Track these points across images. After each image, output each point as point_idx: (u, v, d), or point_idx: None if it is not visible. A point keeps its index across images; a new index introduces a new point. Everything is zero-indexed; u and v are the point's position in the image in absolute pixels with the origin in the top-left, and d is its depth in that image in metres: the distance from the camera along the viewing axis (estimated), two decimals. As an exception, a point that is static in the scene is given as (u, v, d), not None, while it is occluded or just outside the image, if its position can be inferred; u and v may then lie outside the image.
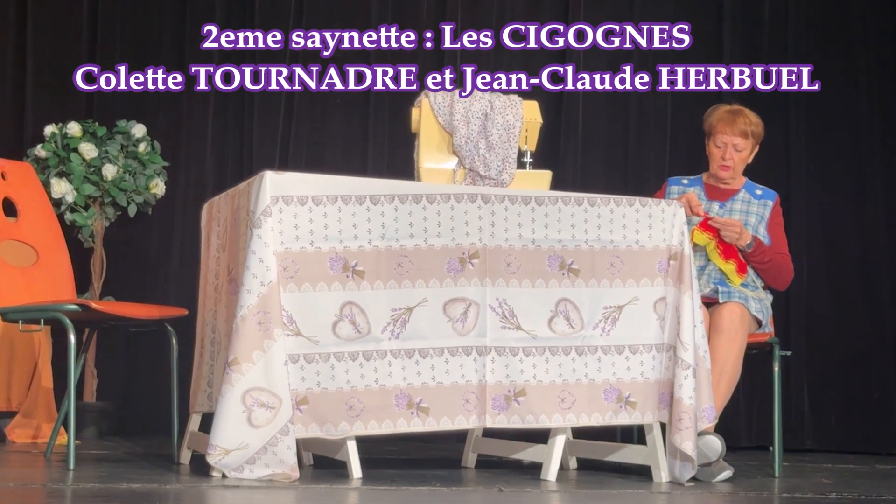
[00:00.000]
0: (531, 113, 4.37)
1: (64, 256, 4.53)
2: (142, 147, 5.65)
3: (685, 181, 4.74)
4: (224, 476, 3.79)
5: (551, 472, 4.10)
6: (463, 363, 4.00)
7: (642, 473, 4.25)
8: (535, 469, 4.26)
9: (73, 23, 5.99)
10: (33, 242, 4.43)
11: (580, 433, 4.45)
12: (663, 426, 4.17)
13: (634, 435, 4.85)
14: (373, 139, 6.02)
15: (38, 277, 4.39)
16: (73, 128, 5.56)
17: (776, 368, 4.59)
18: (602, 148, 6.10)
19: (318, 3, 6.05)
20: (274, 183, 3.86)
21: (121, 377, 5.86)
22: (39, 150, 5.55)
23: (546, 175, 4.36)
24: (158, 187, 5.66)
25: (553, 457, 4.12)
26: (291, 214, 3.86)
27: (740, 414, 5.84)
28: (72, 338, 4.02)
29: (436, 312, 3.99)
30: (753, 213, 4.64)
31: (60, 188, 5.46)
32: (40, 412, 5.08)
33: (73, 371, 4.08)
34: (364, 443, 4.03)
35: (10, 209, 4.37)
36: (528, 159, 4.35)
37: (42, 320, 4.15)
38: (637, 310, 4.15)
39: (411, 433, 4.02)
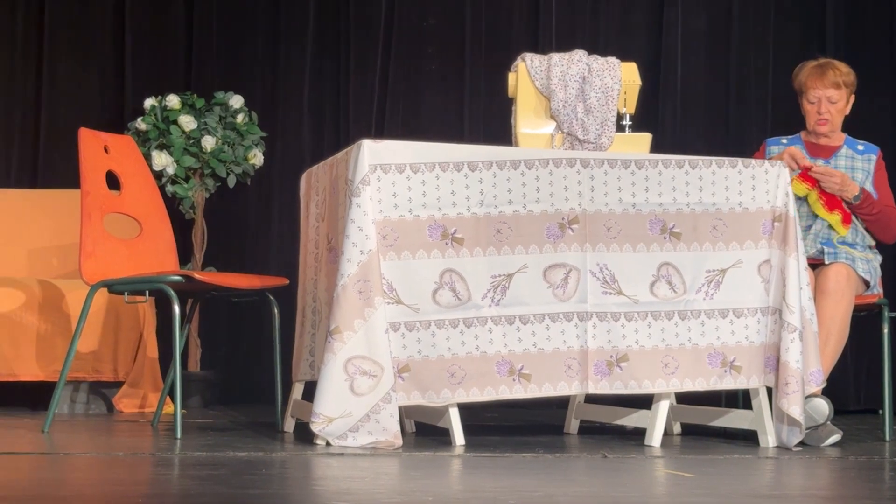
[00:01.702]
0: (630, 75, 4.32)
1: (166, 228, 4.59)
2: (240, 118, 5.70)
3: (784, 140, 4.67)
4: (328, 444, 3.84)
5: (655, 438, 4.09)
6: (564, 329, 4.00)
7: (748, 438, 4.22)
8: (638, 435, 4.25)
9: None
10: (136, 215, 4.49)
11: (684, 398, 4.42)
12: (769, 390, 4.13)
13: (739, 399, 4.81)
14: (469, 105, 6.01)
15: (141, 249, 4.46)
16: (173, 100, 5.63)
17: (885, 330, 4.51)
18: (702, 108, 6.02)
19: (410, 40, 6.02)
20: (372, 151, 3.88)
21: (224, 347, 5.94)
22: (140, 123, 5.63)
23: (646, 138, 4.33)
24: (257, 158, 5.71)
25: (657, 422, 4.10)
26: (390, 182, 3.88)
27: (848, 377, 5.76)
28: (176, 308, 4.09)
29: (536, 278, 3.98)
30: (859, 169, 4.56)
31: (161, 160, 5.53)
32: (146, 382, 5.18)
33: (178, 341, 4.15)
34: (465, 410, 4.05)
35: (114, 182, 4.44)
36: (627, 122, 4.31)
37: (147, 292, 4.22)
38: (741, 273, 4.11)
39: (513, 400, 4.03)
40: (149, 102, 5.66)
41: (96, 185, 4.31)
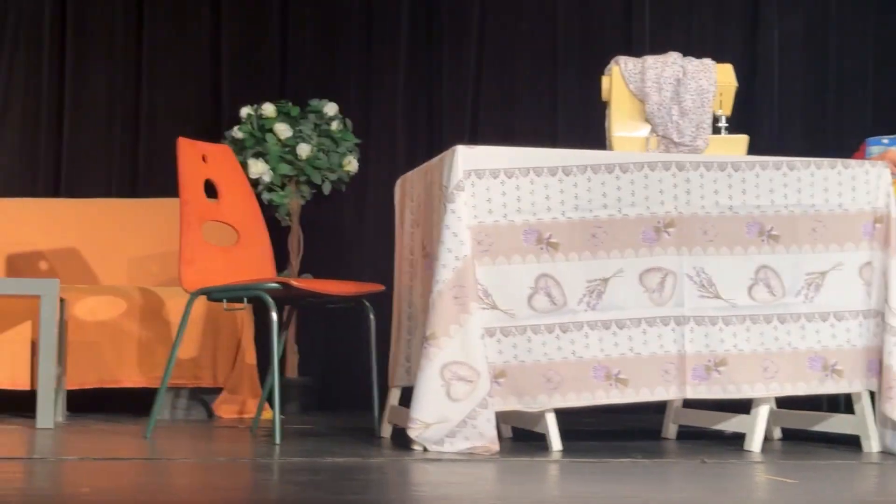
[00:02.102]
0: (725, 76, 4.28)
1: (263, 235, 4.64)
2: (334, 125, 5.75)
3: (885, 140, 4.60)
4: (425, 450, 3.85)
5: (755, 443, 4.04)
6: (661, 333, 3.97)
7: (851, 443, 4.15)
8: (737, 440, 4.20)
9: (266, 1, 6.12)
10: (234, 222, 4.55)
11: (784, 402, 4.37)
12: (872, 395, 4.06)
13: (841, 404, 4.74)
14: (562, 109, 6.00)
15: (239, 257, 4.51)
16: (268, 108, 5.70)
17: None
18: (800, 109, 5.95)
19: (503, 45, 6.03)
20: (466, 157, 3.89)
21: (321, 353, 5.99)
22: (236, 132, 5.70)
23: (742, 140, 4.28)
24: (351, 164, 5.76)
25: (757, 427, 4.06)
26: (484, 188, 3.89)
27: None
28: (273, 315, 4.13)
29: (632, 283, 3.96)
30: (969, 172, 4.47)
31: (257, 168, 5.60)
32: (245, 388, 5.24)
33: (276, 348, 4.20)
34: (562, 415, 4.04)
35: (212, 191, 4.50)
36: (723, 124, 4.28)
37: (245, 299, 4.27)
38: (841, 275, 4.05)
39: (610, 405, 4.01)
40: (245, 111, 5.73)
41: (195, 193, 4.37)
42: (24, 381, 5.02)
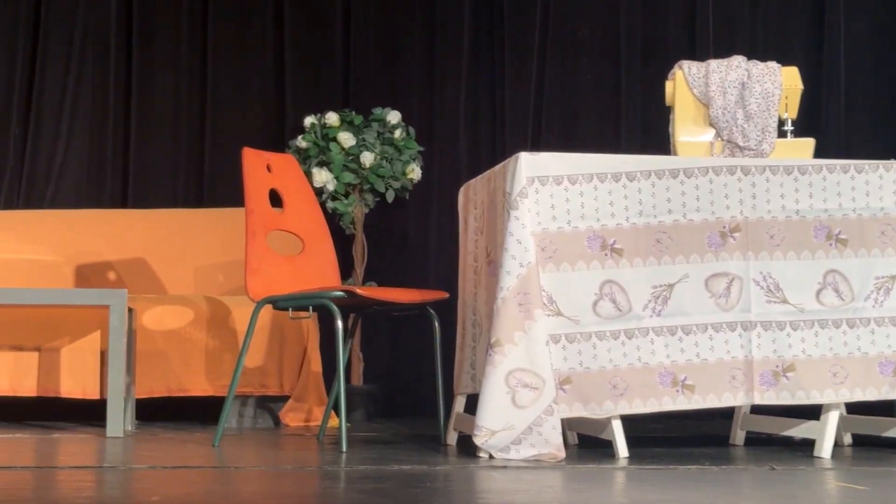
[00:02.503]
0: (791, 79, 4.25)
1: (328, 244, 4.67)
2: (397, 133, 5.77)
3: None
4: (491, 457, 3.85)
5: (825, 449, 4.00)
6: (728, 339, 3.95)
7: (923, 450, 4.10)
8: (806, 446, 4.17)
9: (328, 11, 6.16)
10: (299, 232, 4.58)
11: (854, 408, 4.32)
12: (944, 400, 4.01)
13: (912, 409, 4.67)
14: (625, 114, 5.98)
15: (304, 266, 4.54)
16: (332, 118, 5.73)
17: None
18: (867, 111, 5.89)
19: (565, 50, 6.03)
20: (529, 164, 3.89)
21: (386, 360, 6.01)
22: (300, 141, 5.74)
23: (808, 143, 4.25)
24: (415, 172, 5.78)
25: (827, 433, 4.01)
26: (547, 195, 3.89)
27: None
28: (339, 323, 4.15)
29: (697, 288, 3.94)
30: None
31: (321, 177, 5.64)
32: (311, 396, 5.26)
33: (342, 355, 4.22)
34: (628, 421, 4.03)
35: (276, 200, 4.54)
36: (788, 127, 4.24)
37: (310, 307, 4.30)
38: (912, 279, 4.01)
39: (677, 411, 3.99)
40: (308, 120, 5.77)
41: (260, 203, 4.40)
42: (93, 391, 5.08)
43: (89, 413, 5.26)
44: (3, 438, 4.39)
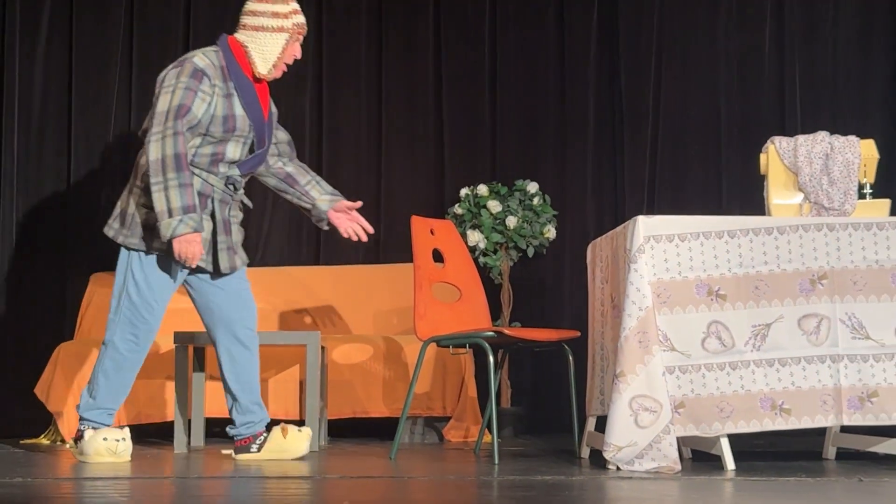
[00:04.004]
0: (868, 150, 4.14)
1: (480, 292, 4.69)
2: (535, 200, 5.78)
3: None
4: (618, 469, 3.81)
5: (906, 464, 3.85)
6: (819, 370, 3.84)
7: None
8: (891, 460, 4.01)
9: (478, 102, 6.17)
10: (457, 283, 4.61)
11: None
12: None
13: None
14: (726, 181, 5.89)
15: (462, 310, 4.57)
16: (482, 189, 5.77)
17: None
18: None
19: (674, 128, 5.97)
20: (646, 225, 3.86)
21: (529, 387, 5.98)
22: (457, 209, 5.79)
23: (885, 203, 4.12)
24: (550, 232, 5.77)
25: (907, 450, 3.86)
26: (662, 250, 3.85)
27: None
28: (490, 358, 4.17)
29: (792, 327, 3.85)
30: None
31: (474, 237, 5.68)
32: (468, 416, 5.27)
33: (493, 383, 4.23)
34: (735, 438, 3.93)
35: (438, 257, 4.58)
36: (867, 190, 4.13)
37: (467, 344, 4.32)
38: (979, 317, 3.84)
39: (776, 431, 3.89)
40: (463, 192, 5.82)
41: (425, 260, 4.45)
42: (294, 412, 5.17)
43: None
44: (224, 454, 4.49)
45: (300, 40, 4.21)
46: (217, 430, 5.13)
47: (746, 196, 5.63)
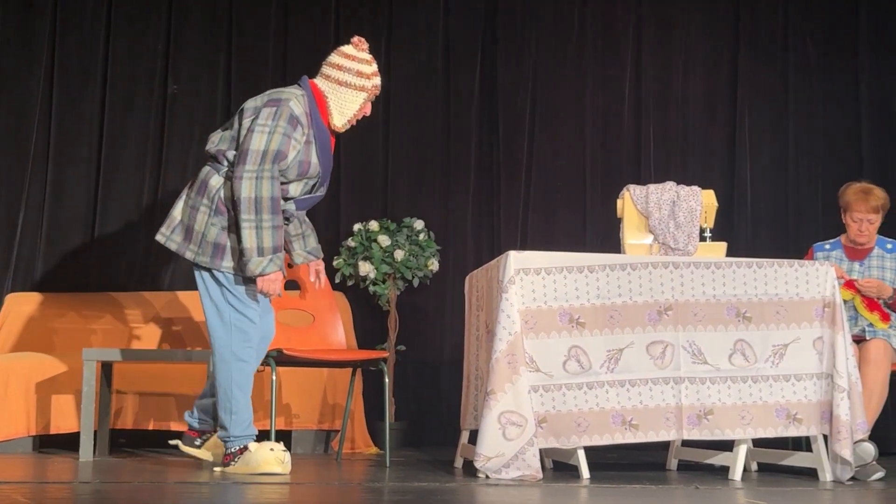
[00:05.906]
0: (709, 199, 4.30)
1: (336, 318, 4.63)
2: (421, 236, 5.81)
3: (827, 245, 4.56)
4: (487, 477, 3.84)
5: (737, 474, 3.98)
6: (663, 390, 3.95)
7: (810, 475, 4.07)
8: (723, 471, 4.14)
9: (374, 148, 6.19)
10: (311, 309, 4.59)
11: (759, 443, 4.29)
12: (826, 437, 3.98)
13: (802, 444, 4.63)
14: (589, 223, 6.02)
15: (311, 333, 4.54)
16: (373, 224, 5.78)
17: (917, 390, 4.31)
18: (767, 221, 5.92)
19: (545, 176, 6.09)
20: (516, 259, 3.93)
21: (411, 403, 5.96)
22: (350, 241, 5.79)
23: (722, 246, 4.28)
24: (434, 265, 5.81)
25: (738, 461, 3.99)
26: (530, 281, 3.92)
27: (890, 426, 5.49)
28: (273, 376, 4.07)
29: (641, 352, 3.95)
30: (889, 268, 4.41)
31: (365, 268, 5.68)
32: (355, 430, 5.22)
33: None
34: (590, 451, 4.01)
35: (294, 286, 4.51)
36: (707, 234, 4.28)
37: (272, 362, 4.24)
38: (800, 346, 4.01)
39: (625, 444, 3.98)
40: (356, 227, 5.81)
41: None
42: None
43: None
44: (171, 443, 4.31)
45: (373, 100, 4.05)
46: (122, 440, 5.00)
47: (606, 236, 5.76)
